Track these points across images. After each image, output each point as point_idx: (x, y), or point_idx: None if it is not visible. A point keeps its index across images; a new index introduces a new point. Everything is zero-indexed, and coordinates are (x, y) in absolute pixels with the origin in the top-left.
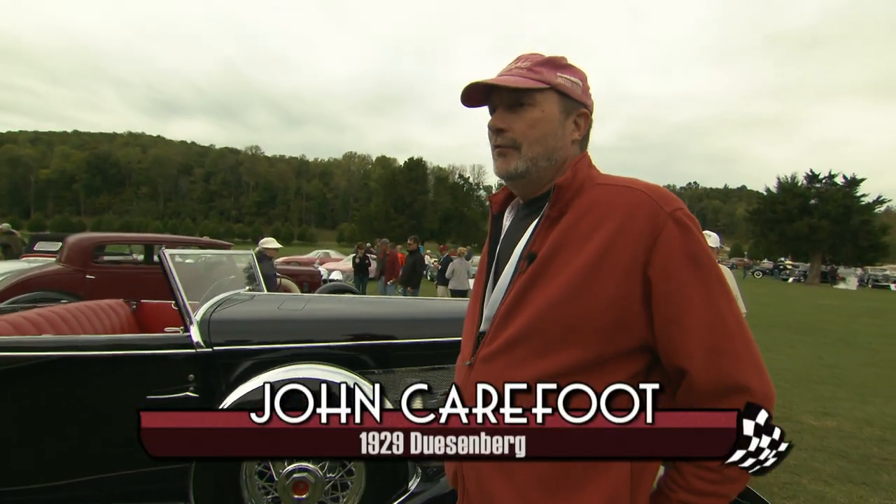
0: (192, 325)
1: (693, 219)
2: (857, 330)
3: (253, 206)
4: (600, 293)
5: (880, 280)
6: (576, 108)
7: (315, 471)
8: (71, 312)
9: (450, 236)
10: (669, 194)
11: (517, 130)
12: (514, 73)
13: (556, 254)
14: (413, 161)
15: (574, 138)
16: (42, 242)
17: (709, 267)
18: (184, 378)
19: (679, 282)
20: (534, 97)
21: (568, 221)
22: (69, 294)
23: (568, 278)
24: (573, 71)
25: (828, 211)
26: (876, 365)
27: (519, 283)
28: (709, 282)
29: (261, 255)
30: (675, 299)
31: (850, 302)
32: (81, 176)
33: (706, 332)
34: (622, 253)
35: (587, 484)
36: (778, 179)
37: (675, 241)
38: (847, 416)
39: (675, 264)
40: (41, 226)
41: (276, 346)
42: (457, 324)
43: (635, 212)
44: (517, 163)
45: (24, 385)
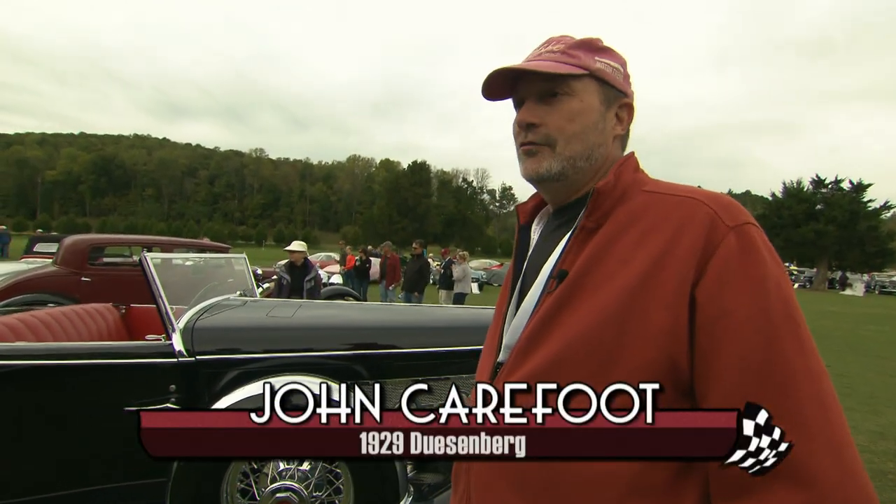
0: (175, 333)
1: (765, 237)
2: (864, 337)
3: (257, 208)
4: (645, 323)
5: (887, 286)
6: (618, 99)
7: (300, 490)
8: (55, 318)
9: (453, 240)
10: (737, 207)
11: (552, 125)
12: (546, 57)
13: (591, 271)
14: (417, 164)
15: (616, 133)
16: (41, 244)
17: (778, 297)
18: (165, 388)
19: (727, 307)
20: (570, 85)
21: (607, 233)
22: (64, 296)
23: (606, 301)
24: (612, 55)
25: (834, 216)
26: (885, 373)
27: (545, 305)
28: (771, 314)
29: (289, 266)
30: (718, 327)
31: (856, 308)
32: (87, 177)
33: (750, 377)
34: (672, 273)
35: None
36: (783, 184)
37: (733, 259)
38: (859, 429)
39: (729, 286)
40: (47, 227)
41: (263, 356)
42: (457, 333)
43: (689, 224)
44: (550, 162)
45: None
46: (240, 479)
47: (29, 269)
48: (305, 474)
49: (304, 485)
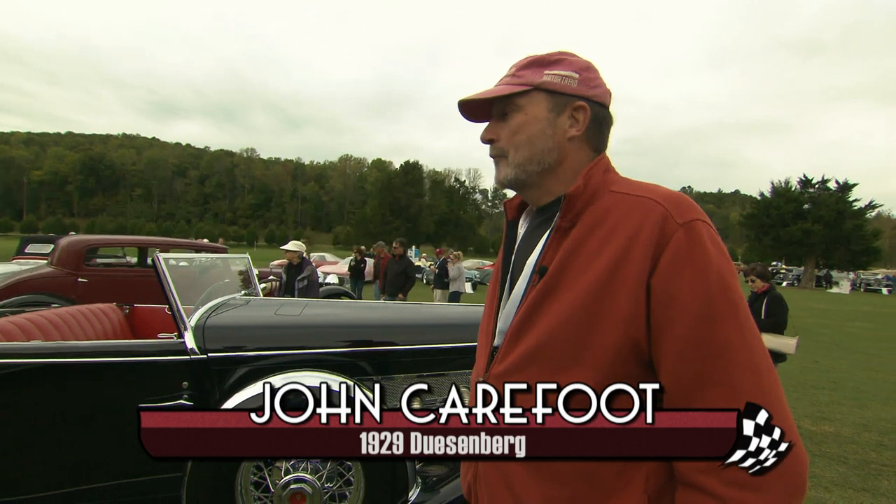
0: (187, 331)
1: (711, 231)
2: (851, 333)
3: (248, 208)
4: (612, 311)
5: (872, 284)
6: (569, 103)
7: (313, 481)
8: (61, 317)
9: (445, 239)
10: (689, 204)
11: (503, 138)
12: (503, 82)
13: (567, 267)
14: (409, 164)
15: (571, 135)
16: (33, 244)
17: (718, 284)
18: (177, 385)
19: (675, 293)
20: (515, 102)
21: (578, 234)
22: (61, 297)
23: (578, 295)
24: (566, 65)
25: (821, 215)
26: (872, 369)
27: (530, 297)
28: (711, 298)
29: (287, 265)
30: (668, 309)
31: (843, 306)
32: (75, 177)
33: (693, 355)
34: (632, 266)
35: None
36: (772, 184)
37: (681, 252)
38: (845, 421)
39: (676, 274)
40: (33, 227)
41: (272, 353)
42: (457, 330)
43: (646, 222)
44: (507, 170)
45: (12, 393)
46: (253, 471)
47: (24, 269)
48: (317, 466)
49: (316, 476)
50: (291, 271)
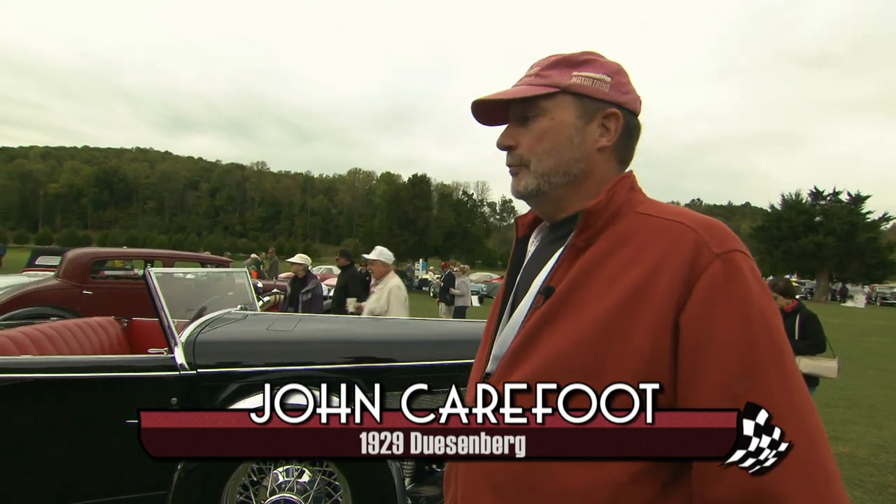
0: (177, 346)
1: (752, 265)
2: (867, 349)
3: (258, 221)
4: (627, 345)
5: (888, 298)
6: (600, 109)
7: (298, 502)
8: (58, 331)
9: (453, 252)
10: (727, 232)
11: (524, 145)
12: (524, 82)
13: (576, 290)
14: (417, 177)
15: (602, 145)
16: (43, 257)
17: (761, 326)
18: (166, 401)
19: (710, 334)
20: (540, 105)
21: (595, 253)
22: (66, 309)
23: (587, 323)
24: (596, 66)
25: (833, 228)
26: (889, 386)
27: (531, 321)
28: (754, 343)
29: (293, 278)
30: (697, 357)
31: (858, 320)
32: (90, 190)
33: (730, 399)
34: (657, 297)
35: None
36: (782, 196)
37: (718, 286)
38: (860, 442)
39: (712, 312)
40: (48, 239)
41: (263, 369)
42: (456, 346)
43: (675, 249)
44: (528, 180)
45: (1, 407)
46: (239, 491)
47: (30, 282)
48: (304, 486)
49: (303, 497)
50: (296, 284)
